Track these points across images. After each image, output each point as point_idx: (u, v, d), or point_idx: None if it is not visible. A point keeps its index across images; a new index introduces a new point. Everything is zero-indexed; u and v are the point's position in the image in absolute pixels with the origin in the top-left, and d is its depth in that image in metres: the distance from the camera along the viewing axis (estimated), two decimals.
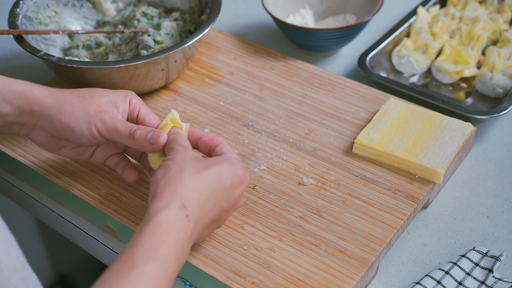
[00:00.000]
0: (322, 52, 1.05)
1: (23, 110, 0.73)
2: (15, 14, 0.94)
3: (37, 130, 0.75)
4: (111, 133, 0.72)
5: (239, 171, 0.68)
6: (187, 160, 0.66)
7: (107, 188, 0.81)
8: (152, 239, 0.58)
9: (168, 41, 0.97)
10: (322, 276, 0.70)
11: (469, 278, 0.72)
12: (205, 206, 0.64)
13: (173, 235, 0.59)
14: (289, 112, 0.91)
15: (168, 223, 0.60)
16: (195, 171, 0.65)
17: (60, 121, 0.73)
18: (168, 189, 0.63)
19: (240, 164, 0.69)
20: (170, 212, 0.61)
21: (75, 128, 0.72)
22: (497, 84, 0.95)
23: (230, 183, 0.67)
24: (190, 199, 0.63)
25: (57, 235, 0.98)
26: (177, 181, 0.63)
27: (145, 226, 0.60)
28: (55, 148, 0.77)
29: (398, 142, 0.83)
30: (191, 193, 0.63)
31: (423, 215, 0.81)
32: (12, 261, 0.55)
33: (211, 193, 0.65)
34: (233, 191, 0.68)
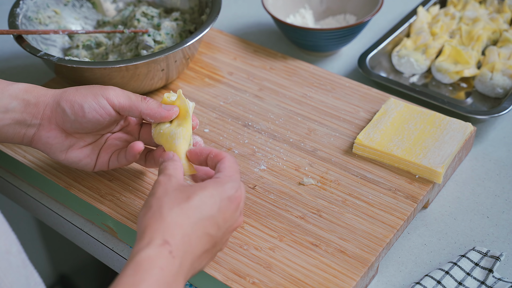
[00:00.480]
0: (322, 52, 1.05)
1: (29, 102, 0.73)
2: (15, 14, 0.94)
3: (43, 125, 0.73)
4: (122, 100, 0.72)
5: (227, 191, 0.64)
6: (168, 192, 0.63)
7: (107, 188, 0.81)
8: (132, 279, 0.56)
9: (168, 41, 0.97)
10: (322, 276, 0.70)
11: (469, 278, 0.72)
12: (191, 239, 0.61)
13: (154, 272, 0.57)
14: (289, 112, 0.91)
15: (149, 261, 0.57)
16: (176, 204, 0.62)
17: (66, 100, 0.72)
18: (150, 228, 0.60)
19: (231, 184, 0.65)
20: (151, 250, 0.58)
21: (82, 103, 0.71)
22: (497, 84, 0.95)
23: (217, 208, 0.63)
24: (173, 235, 0.60)
25: (57, 235, 0.98)
26: (157, 219, 0.61)
27: (126, 266, 0.57)
28: (61, 150, 0.75)
29: (398, 142, 0.83)
30: (173, 228, 0.60)
31: (423, 215, 0.81)
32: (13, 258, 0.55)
33: (196, 224, 0.61)
34: (223, 215, 0.64)
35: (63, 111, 0.72)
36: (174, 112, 0.73)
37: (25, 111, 0.73)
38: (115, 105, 0.72)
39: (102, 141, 0.77)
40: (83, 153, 0.76)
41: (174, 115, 0.73)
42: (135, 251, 0.58)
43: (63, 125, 0.73)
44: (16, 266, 0.55)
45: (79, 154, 0.76)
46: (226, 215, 0.64)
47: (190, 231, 0.61)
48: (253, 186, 0.80)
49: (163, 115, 0.72)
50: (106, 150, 0.78)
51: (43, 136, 0.74)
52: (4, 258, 0.54)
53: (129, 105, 0.72)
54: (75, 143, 0.75)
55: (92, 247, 0.81)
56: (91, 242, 0.80)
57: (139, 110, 0.72)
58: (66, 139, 0.75)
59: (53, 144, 0.75)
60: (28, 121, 0.73)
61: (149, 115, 0.72)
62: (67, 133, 0.74)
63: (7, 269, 0.54)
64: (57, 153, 0.76)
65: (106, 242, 0.79)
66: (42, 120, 0.73)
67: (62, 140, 0.75)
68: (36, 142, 0.75)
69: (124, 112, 0.73)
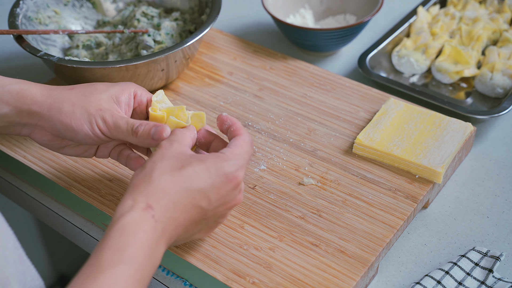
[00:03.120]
0: (322, 52, 1.05)
1: (22, 110, 0.72)
2: (15, 14, 0.94)
3: (39, 130, 0.74)
4: (113, 131, 0.71)
5: (226, 168, 0.64)
6: (165, 157, 0.63)
7: (107, 188, 0.81)
8: (118, 241, 0.56)
9: (168, 41, 0.97)
10: (322, 276, 0.70)
11: (469, 278, 0.72)
12: (176, 206, 0.61)
13: (139, 236, 0.57)
14: (289, 112, 0.91)
15: (134, 224, 0.57)
16: (168, 170, 0.62)
17: (61, 123, 0.71)
18: (136, 189, 0.61)
19: (233, 161, 0.65)
20: (134, 214, 0.58)
21: (77, 129, 0.71)
22: (497, 84, 0.95)
23: (210, 182, 0.63)
24: (157, 199, 0.60)
25: (57, 235, 0.98)
26: (145, 181, 0.61)
27: (110, 229, 0.57)
28: (58, 148, 0.76)
29: (398, 142, 0.83)
30: (159, 193, 0.60)
31: (423, 215, 0.81)
32: (9, 253, 0.55)
33: (183, 193, 0.61)
34: (217, 190, 0.63)
35: (57, 130, 0.72)
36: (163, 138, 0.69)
37: (18, 117, 0.72)
38: (108, 135, 0.71)
39: None
40: (80, 149, 0.76)
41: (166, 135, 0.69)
42: (119, 213, 0.59)
43: (57, 135, 0.73)
44: (12, 261, 0.55)
45: (77, 151, 0.76)
46: (221, 192, 0.64)
47: (176, 199, 0.61)
48: (253, 186, 0.80)
49: (153, 145, 0.70)
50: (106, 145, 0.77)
51: (38, 139, 0.75)
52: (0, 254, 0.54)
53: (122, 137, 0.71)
54: (71, 143, 0.76)
55: (92, 247, 0.81)
56: (91, 242, 0.80)
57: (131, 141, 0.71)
58: (61, 142, 0.75)
59: (49, 145, 0.75)
60: (22, 123, 0.73)
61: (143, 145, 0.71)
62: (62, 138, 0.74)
63: (3, 264, 0.54)
64: (55, 150, 0.76)
65: None
66: (36, 127, 0.73)
67: (58, 142, 0.75)
68: (34, 138, 0.75)
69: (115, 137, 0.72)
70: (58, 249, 1.45)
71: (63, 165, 0.84)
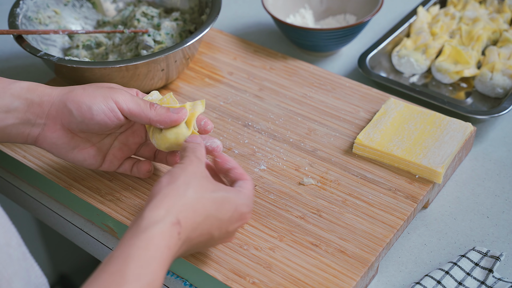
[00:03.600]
0: (322, 52, 1.05)
1: (33, 102, 0.71)
2: (15, 14, 0.94)
3: (49, 125, 0.72)
4: (130, 104, 0.71)
5: (243, 208, 0.66)
6: (197, 175, 0.64)
7: (107, 188, 0.81)
8: (144, 253, 0.56)
9: (168, 41, 0.97)
10: (322, 276, 0.70)
11: (469, 278, 0.72)
12: (198, 228, 0.62)
13: (164, 252, 0.57)
14: (289, 112, 0.91)
15: (161, 238, 0.58)
16: (201, 190, 0.63)
17: (73, 101, 0.70)
18: (168, 200, 0.60)
19: (247, 201, 0.67)
20: (165, 226, 0.58)
21: (91, 104, 0.70)
22: (497, 84, 0.95)
23: (229, 216, 0.65)
24: (186, 218, 0.61)
25: (57, 235, 0.98)
26: (179, 194, 0.61)
27: (137, 236, 0.57)
28: (67, 149, 0.74)
29: (398, 142, 0.83)
30: (190, 211, 0.61)
31: (423, 215, 0.81)
32: (12, 251, 0.55)
33: (207, 217, 0.63)
34: (229, 224, 0.66)
35: (69, 112, 0.71)
36: (183, 114, 0.72)
37: (28, 111, 0.71)
38: (124, 110, 0.71)
39: (109, 143, 0.77)
40: (89, 153, 0.75)
41: (185, 116, 0.72)
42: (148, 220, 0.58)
43: (69, 125, 0.72)
44: (16, 259, 0.55)
45: (85, 154, 0.75)
46: (231, 226, 0.66)
47: (200, 221, 0.62)
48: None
49: (173, 119, 0.71)
50: (116, 155, 0.77)
51: (48, 137, 0.73)
52: (3, 251, 0.54)
53: (138, 113, 0.71)
54: (81, 143, 0.74)
55: (92, 247, 0.81)
56: (91, 242, 0.80)
57: (148, 118, 0.72)
58: (71, 139, 0.74)
59: (59, 144, 0.74)
60: (32, 121, 0.72)
61: (159, 121, 0.71)
62: (73, 133, 0.73)
63: (6, 261, 0.54)
64: (62, 153, 0.75)
65: (106, 242, 0.79)
66: (46, 120, 0.72)
67: (67, 140, 0.73)
68: (41, 142, 0.74)
69: (133, 118, 0.72)
70: (58, 249, 1.45)
71: (63, 165, 0.84)
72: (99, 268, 0.56)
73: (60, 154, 0.75)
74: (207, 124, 0.75)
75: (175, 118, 0.71)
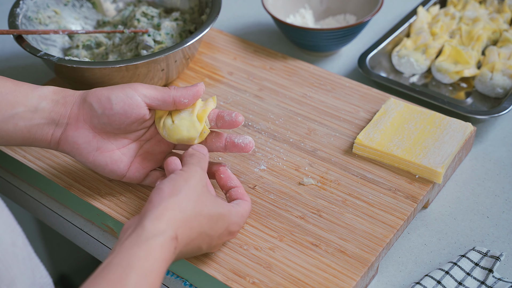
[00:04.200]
0: (322, 52, 1.05)
1: (58, 102, 0.73)
2: (15, 14, 0.94)
3: (71, 124, 0.73)
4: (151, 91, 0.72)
5: (234, 227, 0.69)
6: (198, 189, 0.65)
7: (107, 188, 0.81)
8: (144, 264, 0.57)
9: (168, 41, 0.97)
10: (322, 276, 0.70)
11: (469, 278, 0.72)
12: (190, 244, 0.64)
13: (162, 265, 0.59)
14: (289, 112, 0.91)
15: (161, 251, 0.59)
16: (200, 206, 0.64)
17: (93, 95, 0.72)
18: (169, 213, 0.61)
19: (239, 220, 0.69)
20: (164, 240, 0.60)
21: (109, 95, 0.71)
22: (497, 84, 0.95)
23: (220, 233, 0.67)
24: (183, 234, 0.62)
25: (57, 235, 0.98)
26: (180, 209, 0.62)
27: (138, 247, 0.58)
28: (89, 150, 0.73)
29: (398, 142, 0.83)
30: (186, 228, 0.63)
31: (423, 215, 0.81)
32: (19, 250, 0.55)
33: (200, 234, 0.65)
34: (218, 240, 0.68)
35: (89, 106, 0.72)
36: (201, 85, 0.74)
37: (53, 111, 0.73)
38: (146, 96, 0.72)
39: (133, 149, 0.76)
40: (111, 157, 0.74)
41: (203, 88, 0.74)
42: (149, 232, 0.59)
43: (91, 121, 0.72)
44: (21, 258, 0.55)
45: (106, 159, 0.74)
46: (220, 241, 0.69)
47: (193, 237, 0.64)
48: (253, 186, 0.80)
49: (196, 92, 0.73)
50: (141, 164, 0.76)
51: (70, 136, 0.73)
52: (10, 251, 0.54)
53: (160, 95, 0.72)
54: (103, 145, 0.74)
55: (92, 247, 0.81)
56: (91, 242, 0.80)
57: (170, 96, 0.72)
58: (93, 139, 0.73)
59: (80, 144, 0.73)
60: (56, 121, 0.73)
61: (182, 95, 0.73)
62: (95, 132, 0.73)
63: (12, 261, 0.54)
64: (84, 155, 0.74)
65: (106, 242, 0.79)
66: (69, 119, 0.73)
67: (89, 139, 0.73)
68: (64, 143, 0.74)
69: (155, 102, 0.73)
70: (58, 249, 1.45)
71: (63, 165, 0.84)
72: (97, 273, 0.56)
73: (82, 156, 0.74)
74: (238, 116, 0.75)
75: (196, 89, 0.73)
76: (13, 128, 0.72)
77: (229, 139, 0.76)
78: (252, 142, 0.76)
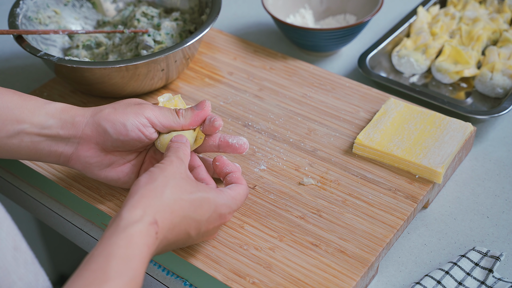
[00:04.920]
0: (322, 52, 1.05)
1: (66, 121, 0.72)
2: (15, 14, 0.94)
3: (82, 146, 0.73)
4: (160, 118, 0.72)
5: (223, 208, 0.68)
6: (176, 176, 0.65)
7: (107, 188, 0.81)
8: (124, 252, 0.57)
9: (168, 41, 0.97)
10: (322, 276, 0.70)
11: (469, 278, 0.72)
12: (175, 228, 0.64)
13: (143, 250, 0.59)
14: (289, 112, 0.91)
15: (140, 237, 0.59)
16: (179, 191, 0.64)
17: (107, 120, 0.71)
18: (145, 200, 0.62)
19: (229, 202, 0.68)
20: (142, 226, 0.60)
21: (124, 121, 0.71)
22: (497, 84, 0.95)
23: (207, 216, 0.66)
24: (163, 218, 0.62)
25: (57, 235, 0.98)
26: (157, 195, 0.62)
27: (117, 235, 0.58)
28: (101, 167, 0.74)
29: (398, 142, 0.83)
30: (167, 212, 0.62)
31: (423, 215, 0.81)
32: (22, 254, 0.55)
33: (184, 218, 0.64)
34: (208, 224, 0.67)
35: (104, 131, 0.71)
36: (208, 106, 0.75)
37: (62, 129, 0.72)
38: (157, 125, 0.73)
39: (142, 159, 0.77)
40: (123, 171, 0.75)
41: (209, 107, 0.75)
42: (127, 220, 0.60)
43: (104, 144, 0.72)
44: (24, 262, 0.55)
45: (118, 173, 0.75)
46: (210, 226, 0.68)
47: (177, 222, 0.64)
48: (253, 186, 0.80)
49: (202, 116, 0.74)
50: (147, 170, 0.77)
51: (82, 156, 0.73)
52: (12, 255, 0.54)
53: (169, 124, 0.73)
54: (114, 161, 0.74)
55: (92, 247, 0.81)
56: (91, 242, 0.80)
57: (180, 125, 0.74)
58: (105, 158, 0.74)
59: (92, 163, 0.74)
60: (66, 140, 0.73)
61: (191, 124, 0.74)
62: (106, 151, 0.74)
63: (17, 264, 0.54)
64: (96, 172, 0.75)
65: None
66: (80, 139, 0.73)
67: (101, 159, 0.74)
68: (74, 162, 0.74)
69: (165, 130, 0.74)
70: (58, 249, 1.45)
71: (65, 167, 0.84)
72: (80, 266, 0.57)
73: (93, 174, 0.75)
74: (216, 120, 0.75)
75: (204, 113, 0.74)
76: (18, 143, 0.72)
77: (223, 138, 0.76)
78: (246, 144, 0.76)
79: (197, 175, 0.74)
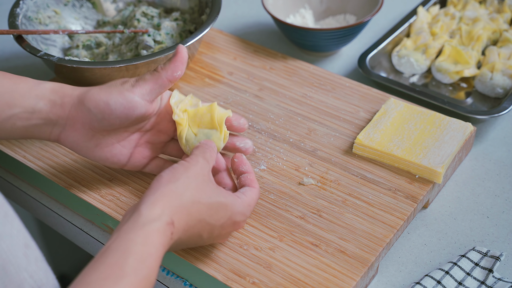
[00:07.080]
0: (322, 52, 1.05)
1: (55, 103, 0.72)
2: (15, 14, 0.94)
3: (70, 125, 0.73)
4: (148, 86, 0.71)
5: (238, 216, 0.68)
6: (199, 178, 0.65)
7: (107, 188, 0.81)
8: (141, 249, 0.58)
9: (168, 41, 0.97)
10: (322, 276, 0.70)
11: (469, 278, 0.72)
12: (189, 231, 0.64)
13: (159, 249, 0.59)
14: (289, 112, 0.91)
15: (157, 236, 0.59)
16: (198, 194, 0.64)
17: (90, 100, 0.71)
18: (165, 199, 0.62)
19: (244, 209, 0.68)
20: (160, 225, 0.60)
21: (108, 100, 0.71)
22: (497, 84, 0.95)
23: (222, 222, 0.67)
24: (180, 219, 0.62)
25: (57, 235, 0.98)
26: (177, 196, 0.63)
27: (135, 232, 0.59)
28: (90, 147, 0.74)
29: (398, 142, 0.83)
30: (184, 214, 0.63)
31: (423, 215, 0.81)
32: (33, 251, 0.56)
33: (200, 221, 0.65)
34: (221, 229, 0.67)
35: (88, 111, 0.72)
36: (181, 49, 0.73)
37: (51, 112, 0.72)
38: (144, 93, 0.72)
39: (134, 141, 0.77)
40: (111, 152, 0.75)
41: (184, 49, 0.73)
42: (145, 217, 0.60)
43: (90, 124, 0.73)
44: (35, 259, 0.55)
45: (107, 153, 0.75)
46: (223, 231, 0.68)
47: (192, 225, 0.64)
48: None
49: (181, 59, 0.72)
50: (142, 153, 0.77)
51: (70, 136, 0.74)
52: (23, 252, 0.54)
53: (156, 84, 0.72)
54: (103, 141, 0.74)
55: (92, 247, 0.81)
56: (91, 242, 0.80)
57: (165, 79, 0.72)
58: (93, 137, 0.74)
59: (80, 143, 0.74)
60: (54, 121, 0.73)
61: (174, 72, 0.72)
62: (94, 131, 0.73)
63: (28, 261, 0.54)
64: (84, 151, 0.75)
65: (106, 242, 0.79)
66: (67, 120, 0.73)
67: (88, 138, 0.74)
68: (63, 141, 0.75)
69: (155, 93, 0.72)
70: (59, 249, 1.45)
71: (63, 165, 0.84)
72: (95, 258, 0.57)
73: (83, 153, 0.75)
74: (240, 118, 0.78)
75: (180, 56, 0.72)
76: (10, 127, 0.72)
77: (231, 141, 0.78)
78: (252, 147, 0.79)
79: (221, 179, 0.74)
